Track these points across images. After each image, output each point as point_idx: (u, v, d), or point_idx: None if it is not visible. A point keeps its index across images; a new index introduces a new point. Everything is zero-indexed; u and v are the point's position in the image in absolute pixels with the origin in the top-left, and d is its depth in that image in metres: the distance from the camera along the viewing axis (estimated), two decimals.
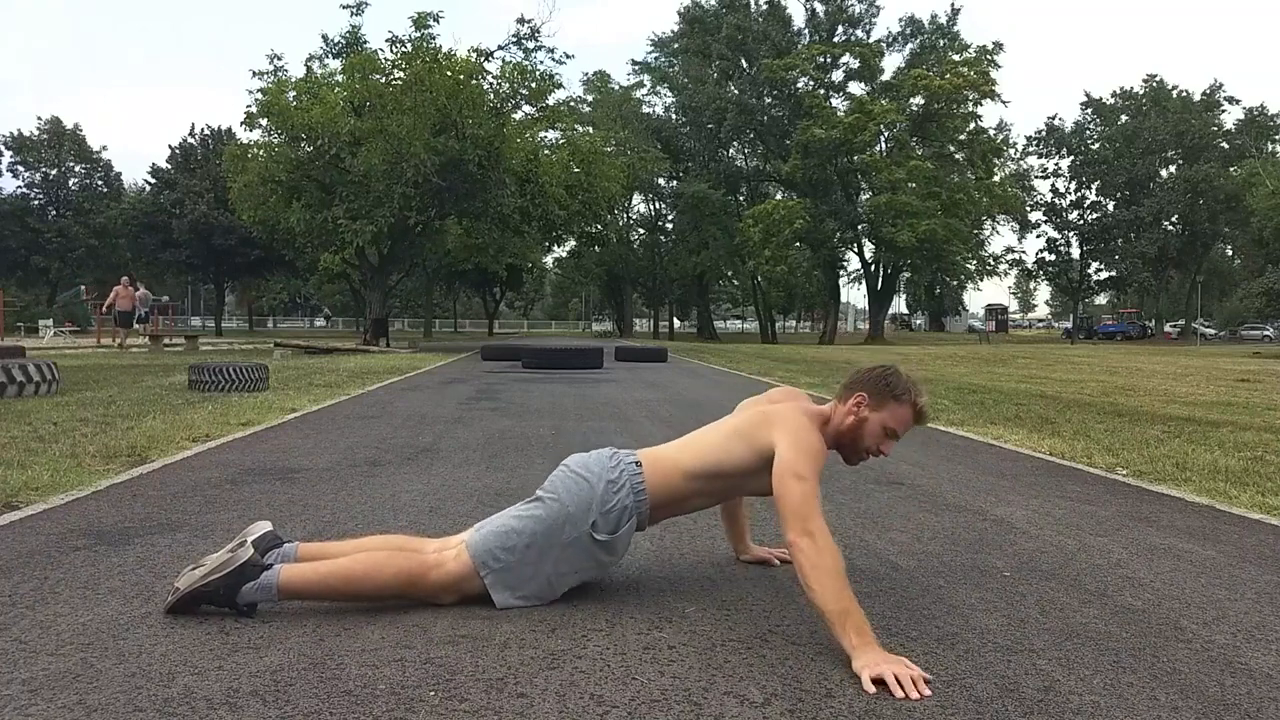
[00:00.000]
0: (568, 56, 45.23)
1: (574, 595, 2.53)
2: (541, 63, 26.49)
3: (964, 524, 3.65)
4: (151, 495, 4.05)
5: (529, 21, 26.40)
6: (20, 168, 53.02)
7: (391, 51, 24.64)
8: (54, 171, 53.27)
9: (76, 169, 54.31)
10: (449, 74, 23.27)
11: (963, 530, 3.53)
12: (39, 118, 66.92)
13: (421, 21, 23.80)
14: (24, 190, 53.03)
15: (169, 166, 48.36)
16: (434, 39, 24.06)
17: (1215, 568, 3.00)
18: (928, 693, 1.91)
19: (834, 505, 3.86)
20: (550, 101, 27.00)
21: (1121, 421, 7.69)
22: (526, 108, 26.89)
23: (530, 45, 26.17)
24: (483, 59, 25.15)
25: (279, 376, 11.80)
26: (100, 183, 54.79)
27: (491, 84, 25.45)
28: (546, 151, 27.15)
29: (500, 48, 26.17)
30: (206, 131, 49.01)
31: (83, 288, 51.29)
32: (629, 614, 2.43)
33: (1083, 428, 7.15)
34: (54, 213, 52.81)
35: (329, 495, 4.09)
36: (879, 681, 1.93)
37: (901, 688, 1.90)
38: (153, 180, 49.61)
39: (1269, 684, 2.01)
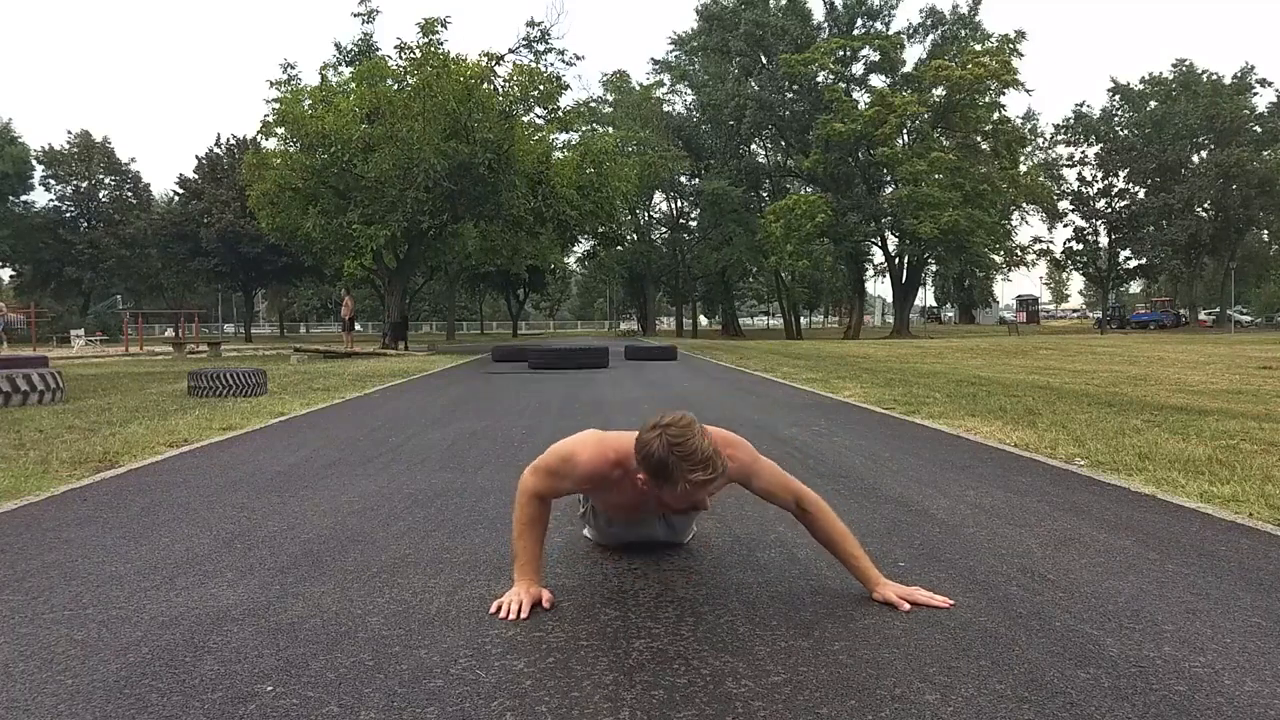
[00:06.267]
0: (578, 58, 45.46)
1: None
2: (551, 64, 26.62)
3: (883, 515, 3.64)
4: (102, 499, 4.16)
5: (539, 24, 26.56)
6: (52, 181, 54.13)
7: (400, 58, 24.88)
8: (84, 184, 54.28)
9: (106, 181, 55.27)
10: (459, 79, 23.43)
11: (879, 521, 3.52)
12: (69, 131, 68.22)
13: (429, 28, 23.99)
14: (56, 203, 54.14)
15: (196, 177, 49.20)
16: (442, 44, 24.24)
17: (1121, 556, 2.97)
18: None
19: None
20: (560, 104, 27.10)
21: (1109, 412, 7.59)
22: (538, 109, 27.00)
23: (540, 48, 26.31)
24: (493, 62, 25.29)
25: (281, 381, 11.99)
26: (129, 194, 55.73)
27: (501, 87, 25.58)
28: (558, 153, 27.22)
29: (511, 51, 26.34)
30: (232, 141, 49.81)
31: (118, 297, 52.32)
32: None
33: (1064, 419, 7.06)
34: (85, 224, 53.83)
35: (273, 498, 4.16)
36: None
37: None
38: (180, 191, 50.50)
39: (1114, 673, 2.00)
